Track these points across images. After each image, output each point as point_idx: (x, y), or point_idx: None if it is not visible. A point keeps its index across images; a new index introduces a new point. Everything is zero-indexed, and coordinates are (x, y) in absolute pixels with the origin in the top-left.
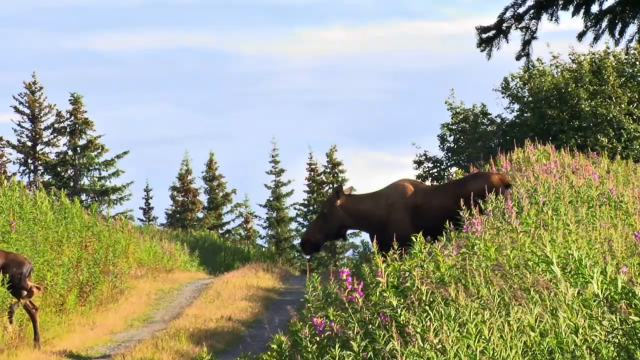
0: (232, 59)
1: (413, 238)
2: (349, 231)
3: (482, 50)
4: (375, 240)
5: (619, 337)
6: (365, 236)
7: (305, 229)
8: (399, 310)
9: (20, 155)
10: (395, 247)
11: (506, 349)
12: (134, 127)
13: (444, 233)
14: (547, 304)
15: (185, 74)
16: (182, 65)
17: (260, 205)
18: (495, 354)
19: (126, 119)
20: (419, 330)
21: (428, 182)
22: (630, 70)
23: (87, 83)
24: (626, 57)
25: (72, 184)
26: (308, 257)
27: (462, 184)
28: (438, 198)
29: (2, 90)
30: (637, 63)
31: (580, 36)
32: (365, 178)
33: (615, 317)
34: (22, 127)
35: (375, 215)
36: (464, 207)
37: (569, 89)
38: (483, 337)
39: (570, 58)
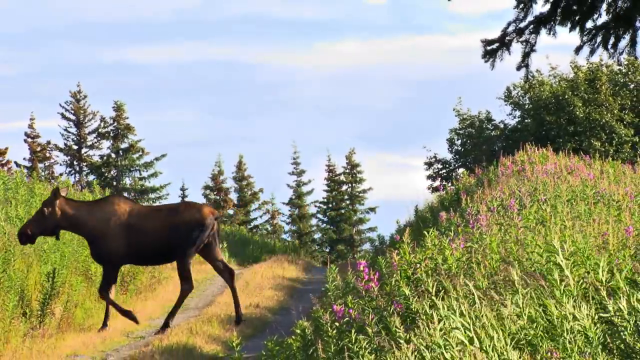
0: (256, 70)
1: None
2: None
3: (486, 61)
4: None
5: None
6: (380, 231)
7: (324, 225)
8: (410, 299)
9: (67, 158)
10: (111, 260)
11: (498, 336)
12: (167, 131)
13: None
14: (541, 292)
15: (212, 83)
16: (210, 75)
17: (284, 203)
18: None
19: (159, 124)
20: (427, 317)
21: (430, 182)
22: (623, 80)
23: (124, 91)
24: (619, 67)
25: (114, 183)
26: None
27: (175, 212)
28: (150, 221)
29: (49, 97)
30: (629, 73)
31: (578, 50)
32: (376, 178)
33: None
34: (68, 132)
35: (89, 225)
36: (174, 234)
37: (566, 97)
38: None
39: (571, 66)
